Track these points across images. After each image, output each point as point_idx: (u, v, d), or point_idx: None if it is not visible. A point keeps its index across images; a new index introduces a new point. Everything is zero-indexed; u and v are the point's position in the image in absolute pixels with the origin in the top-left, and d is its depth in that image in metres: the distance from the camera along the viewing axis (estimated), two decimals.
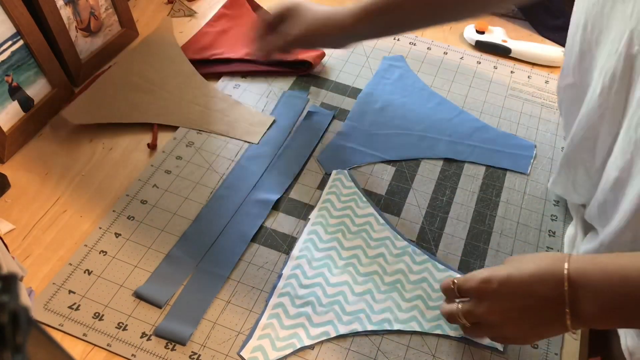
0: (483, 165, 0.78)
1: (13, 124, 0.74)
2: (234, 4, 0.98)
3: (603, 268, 0.49)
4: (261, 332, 0.59)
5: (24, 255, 0.64)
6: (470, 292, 0.55)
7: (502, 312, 0.53)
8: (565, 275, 0.49)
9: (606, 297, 0.48)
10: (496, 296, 0.53)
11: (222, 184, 0.73)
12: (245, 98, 0.84)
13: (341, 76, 0.89)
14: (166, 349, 0.58)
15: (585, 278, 0.48)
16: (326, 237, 0.68)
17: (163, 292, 0.62)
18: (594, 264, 0.49)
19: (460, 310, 0.56)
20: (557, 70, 0.95)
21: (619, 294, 0.47)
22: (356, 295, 0.63)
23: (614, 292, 0.47)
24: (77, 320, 0.59)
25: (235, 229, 0.68)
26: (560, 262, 0.50)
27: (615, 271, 0.48)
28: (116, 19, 0.89)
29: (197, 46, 0.90)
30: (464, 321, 0.56)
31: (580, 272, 0.49)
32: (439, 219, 0.72)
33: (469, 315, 0.56)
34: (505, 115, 0.86)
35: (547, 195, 0.76)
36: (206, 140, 0.78)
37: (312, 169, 0.76)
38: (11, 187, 0.70)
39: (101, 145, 0.77)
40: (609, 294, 0.47)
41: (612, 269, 0.48)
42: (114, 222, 0.68)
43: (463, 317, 0.56)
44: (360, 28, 0.71)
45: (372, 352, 0.59)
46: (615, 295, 0.47)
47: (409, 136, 0.81)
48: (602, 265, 0.49)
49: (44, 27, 0.77)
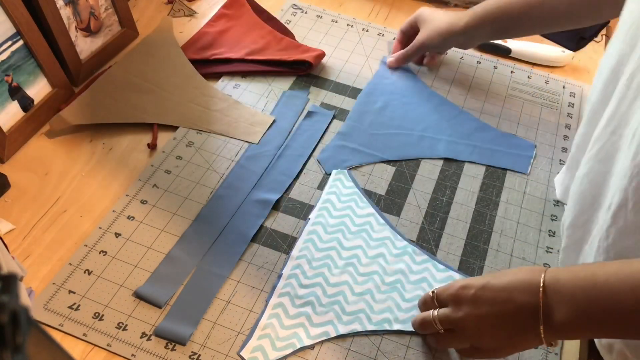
0: (483, 165, 0.78)
1: (13, 124, 0.74)
2: (234, 4, 0.98)
3: (575, 275, 0.49)
4: (261, 332, 0.59)
5: (24, 255, 0.64)
6: (449, 299, 0.56)
7: (479, 318, 0.53)
8: (541, 283, 0.50)
9: (577, 302, 0.48)
10: (474, 301, 0.53)
11: (222, 184, 0.73)
12: (245, 98, 0.84)
13: (341, 76, 0.89)
14: (166, 349, 0.58)
15: (558, 285, 0.49)
16: (326, 237, 0.68)
17: (163, 292, 0.62)
18: (567, 272, 0.50)
19: (436, 316, 0.56)
20: (557, 70, 0.95)
21: (589, 299, 0.47)
22: (356, 295, 0.63)
23: (585, 297, 0.47)
24: (77, 320, 0.59)
25: (235, 229, 0.68)
26: (538, 272, 0.51)
27: (585, 277, 0.48)
28: (116, 19, 0.89)
29: (197, 46, 0.90)
30: (438, 326, 0.56)
31: (554, 280, 0.49)
32: (439, 219, 0.72)
33: (445, 321, 0.55)
34: (505, 115, 0.86)
35: (547, 195, 0.76)
36: (206, 140, 0.78)
37: (312, 169, 0.76)
38: (11, 187, 0.70)
39: (101, 145, 0.77)
40: (580, 300, 0.48)
41: (582, 275, 0.49)
42: (114, 222, 0.68)
43: (439, 322, 0.56)
44: (476, 31, 0.82)
45: (372, 352, 0.59)
46: (586, 300, 0.47)
47: (408, 136, 0.81)
48: (574, 272, 0.49)
49: (44, 27, 0.77)
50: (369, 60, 0.93)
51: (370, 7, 1.04)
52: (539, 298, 0.49)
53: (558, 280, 0.49)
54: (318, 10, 1.01)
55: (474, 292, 0.53)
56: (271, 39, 0.92)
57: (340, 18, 1.00)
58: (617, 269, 0.47)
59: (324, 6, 1.02)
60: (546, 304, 0.49)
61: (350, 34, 0.97)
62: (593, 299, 0.47)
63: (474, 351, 0.56)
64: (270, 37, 0.92)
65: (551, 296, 0.49)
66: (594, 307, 0.47)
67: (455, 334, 0.56)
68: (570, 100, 0.89)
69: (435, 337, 0.58)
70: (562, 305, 0.48)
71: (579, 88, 0.92)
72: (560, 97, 0.90)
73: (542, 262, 0.68)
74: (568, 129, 0.85)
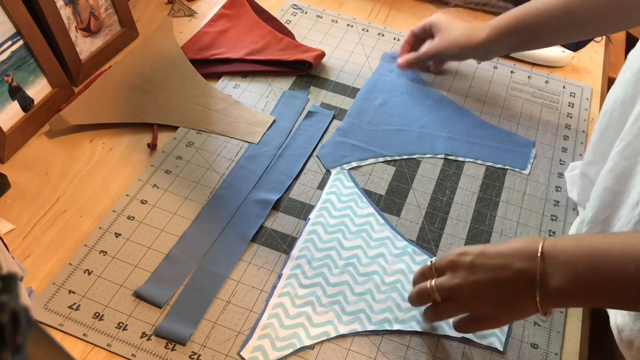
0: (483, 165, 0.78)
1: (13, 124, 0.74)
2: (234, 4, 0.98)
3: (575, 241, 0.49)
4: (261, 332, 0.59)
5: (24, 255, 0.64)
6: (447, 266, 0.55)
7: (476, 284, 0.53)
8: (539, 249, 0.50)
9: (575, 268, 0.48)
10: (471, 267, 0.53)
11: (222, 184, 0.73)
12: (245, 98, 0.84)
13: (341, 76, 0.89)
14: (166, 349, 0.58)
15: (557, 251, 0.49)
16: (326, 237, 0.68)
17: (163, 292, 0.62)
18: (568, 240, 0.50)
19: (434, 285, 0.56)
20: (557, 70, 0.95)
21: (587, 267, 0.47)
22: (356, 295, 0.63)
23: (583, 264, 0.48)
24: (77, 320, 0.59)
25: (235, 229, 0.68)
26: (537, 240, 0.51)
27: (587, 244, 0.48)
28: (116, 19, 0.89)
29: (197, 46, 0.90)
30: (435, 295, 0.55)
31: (553, 246, 0.50)
32: (439, 219, 0.72)
33: (442, 289, 0.55)
34: (505, 115, 0.86)
35: (547, 195, 0.76)
36: (206, 140, 0.78)
37: (312, 169, 0.76)
38: (11, 187, 0.70)
39: (101, 145, 0.77)
40: (578, 266, 0.48)
41: (584, 243, 0.49)
42: (114, 222, 0.68)
43: (436, 290, 0.55)
44: (495, 45, 0.79)
45: (372, 352, 0.59)
46: (584, 267, 0.47)
47: (407, 133, 0.81)
48: (575, 239, 0.50)
49: (44, 27, 0.77)
50: (369, 60, 0.93)
51: (370, 7, 1.04)
52: (537, 264, 0.49)
53: (556, 248, 0.49)
54: (318, 10, 1.01)
55: (471, 259, 0.53)
56: (271, 39, 0.92)
57: (340, 18, 1.00)
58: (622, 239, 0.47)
59: (324, 6, 1.02)
60: (543, 270, 0.49)
61: (350, 34, 0.97)
62: (592, 267, 0.47)
63: (472, 321, 0.56)
64: (270, 37, 0.92)
65: (549, 262, 0.49)
66: (593, 275, 0.47)
67: (452, 302, 0.55)
68: (570, 100, 0.89)
69: (433, 309, 0.58)
70: (559, 271, 0.48)
71: (579, 88, 0.92)
72: (560, 97, 0.90)
73: None
74: (568, 129, 0.85)
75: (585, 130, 0.85)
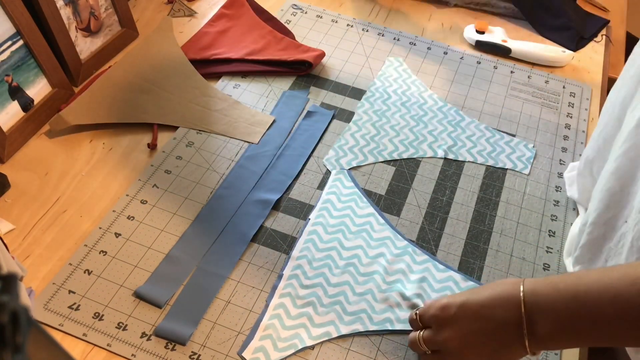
0: (483, 165, 0.78)
1: (13, 124, 0.74)
2: (234, 4, 0.98)
3: (554, 287, 0.49)
4: (263, 332, 0.59)
5: (24, 255, 0.64)
6: (431, 320, 0.56)
7: (462, 337, 0.53)
8: (521, 297, 0.50)
9: (559, 314, 0.48)
10: (455, 321, 0.53)
11: (222, 184, 0.73)
12: (245, 98, 0.84)
13: (341, 76, 0.89)
14: (166, 349, 0.58)
15: (539, 297, 0.49)
16: (326, 237, 0.68)
17: (163, 292, 0.62)
18: (546, 284, 0.50)
19: (421, 337, 0.56)
20: (557, 70, 0.95)
21: (570, 310, 0.47)
22: (357, 295, 0.63)
23: (566, 308, 0.48)
24: (77, 320, 0.59)
25: (235, 229, 0.68)
26: (516, 286, 0.51)
27: (566, 288, 0.48)
28: (116, 19, 0.89)
29: (197, 46, 0.90)
30: (424, 348, 0.56)
31: (534, 293, 0.49)
32: (439, 219, 0.72)
33: (429, 342, 0.55)
34: (505, 115, 0.86)
35: (547, 195, 0.76)
36: (206, 140, 0.78)
37: (312, 169, 0.76)
38: (11, 187, 0.70)
39: (101, 145, 0.77)
40: (562, 311, 0.48)
41: (562, 287, 0.48)
42: (114, 222, 0.68)
43: (424, 343, 0.56)
44: None
45: (372, 352, 0.59)
46: (567, 311, 0.47)
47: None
48: (553, 284, 0.49)
49: (44, 27, 0.77)
50: (369, 60, 0.93)
51: (370, 7, 1.04)
52: (521, 313, 0.49)
53: (538, 294, 0.49)
54: (318, 10, 1.01)
55: (454, 312, 0.53)
56: (271, 39, 0.92)
57: (340, 18, 1.00)
58: (597, 279, 0.47)
59: (324, 6, 1.02)
60: (529, 318, 0.49)
61: (350, 34, 0.97)
62: (575, 311, 0.47)
63: None
64: (270, 37, 0.92)
65: (533, 310, 0.49)
66: (577, 319, 0.47)
67: (440, 355, 0.56)
68: (570, 100, 0.89)
69: (425, 358, 0.58)
70: (544, 318, 0.48)
71: (579, 88, 0.91)
72: (560, 97, 0.90)
73: (542, 262, 0.68)
74: (568, 129, 0.85)
75: (585, 130, 0.85)
